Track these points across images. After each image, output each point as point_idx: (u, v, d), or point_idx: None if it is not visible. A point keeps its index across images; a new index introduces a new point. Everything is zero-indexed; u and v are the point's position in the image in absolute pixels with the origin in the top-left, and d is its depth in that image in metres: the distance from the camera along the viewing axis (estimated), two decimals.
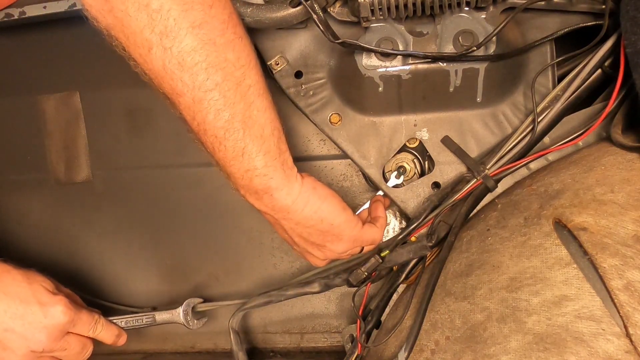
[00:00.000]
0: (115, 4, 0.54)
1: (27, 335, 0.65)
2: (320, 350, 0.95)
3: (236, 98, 0.59)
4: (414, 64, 0.72)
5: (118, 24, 0.56)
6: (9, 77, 0.99)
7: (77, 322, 0.70)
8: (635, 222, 0.56)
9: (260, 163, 0.62)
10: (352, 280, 0.73)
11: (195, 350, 0.99)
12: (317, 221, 0.67)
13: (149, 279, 0.99)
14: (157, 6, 0.54)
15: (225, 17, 0.58)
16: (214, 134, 0.60)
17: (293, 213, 0.66)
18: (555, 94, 0.72)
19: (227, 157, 0.62)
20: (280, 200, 0.65)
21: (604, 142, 0.70)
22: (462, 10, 0.72)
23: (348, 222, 0.69)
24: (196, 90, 0.58)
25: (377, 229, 0.74)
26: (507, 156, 0.73)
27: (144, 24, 0.55)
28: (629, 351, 0.52)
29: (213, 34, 0.57)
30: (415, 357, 0.67)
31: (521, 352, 0.56)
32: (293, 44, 0.80)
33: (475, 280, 0.65)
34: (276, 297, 0.82)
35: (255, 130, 0.61)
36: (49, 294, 0.68)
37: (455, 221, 0.73)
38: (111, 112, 0.97)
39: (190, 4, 0.55)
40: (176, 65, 0.56)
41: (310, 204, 0.66)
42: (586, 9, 0.72)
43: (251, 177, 0.63)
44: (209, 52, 0.57)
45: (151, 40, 0.55)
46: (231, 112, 0.59)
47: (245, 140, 0.61)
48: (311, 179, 0.67)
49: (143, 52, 0.57)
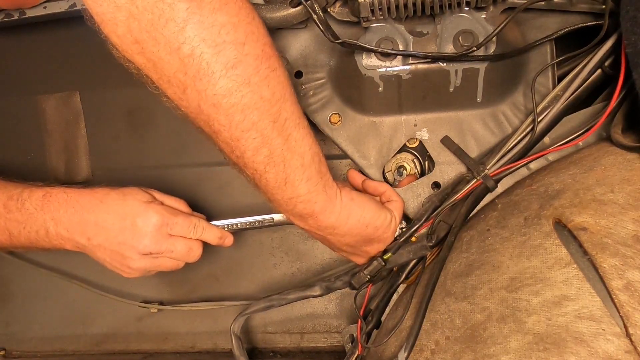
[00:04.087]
0: (146, 46, 0.53)
1: (133, 243, 0.72)
2: (320, 350, 0.95)
3: (274, 134, 0.59)
4: (414, 64, 0.72)
5: (150, 65, 0.55)
6: (9, 77, 0.99)
7: (174, 225, 0.74)
8: (635, 222, 0.56)
9: (304, 190, 0.63)
10: (354, 284, 0.73)
11: (195, 350, 0.99)
12: (362, 229, 0.69)
13: (149, 278, 0.98)
14: (189, 50, 0.53)
15: (259, 51, 0.56)
16: (254, 167, 0.61)
17: (338, 228, 0.68)
18: (555, 94, 0.72)
19: (269, 187, 0.63)
20: (324, 220, 0.66)
21: (604, 142, 0.70)
22: (462, 10, 0.72)
23: (388, 220, 0.71)
24: (233, 129, 0.57)
25: (397, 202, 0.75)
26: (507, 156, 0.73)
27: (176, 67, 0.54)
28: (629, 351, 0.52)
29: (247, 72, 0.55)
30: (415, 357, 0.67)
31: (521, 352, 0.56)
32: (293, 44, 0.80)
33: (475, 280, 0.65)
34: (277, 302, 0.83)
35: (295, 161, 0.61)
36: (142, 204, 0.73)
37: (455, 221, 0.73)
38: (111, 112, 0.97)
39: (222, 45, 0.53)
40: (211, 107, 0.56)
41: (352, 216, 0.68)
42: (586, 9, 0.72)
43: (295, 203, 0.64)
44: (244, 93, 0.56)
45: (185, 82, 0.55)
46: (270, 148, 0.59)
47: (286, 172, 0.61)
48: (347, 190, 0.69)
49: (177, 92, 0.56)
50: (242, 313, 0.84)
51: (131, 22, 0.51)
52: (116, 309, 0.99)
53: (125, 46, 0.54)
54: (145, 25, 0.51)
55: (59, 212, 0.73)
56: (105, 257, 0.75)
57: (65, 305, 1.02)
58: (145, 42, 0.52)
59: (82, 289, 0.98)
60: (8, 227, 0.74)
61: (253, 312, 0.84)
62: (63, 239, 0.73)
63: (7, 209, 0.74)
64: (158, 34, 0.52)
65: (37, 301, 1.03)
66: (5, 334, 1.04)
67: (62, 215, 0.72)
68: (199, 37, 0.52)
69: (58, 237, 0.73)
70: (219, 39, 0.53)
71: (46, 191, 0.74)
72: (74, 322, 1.02)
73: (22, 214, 0.73)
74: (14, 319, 1.04)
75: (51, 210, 0.73)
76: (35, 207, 0.73)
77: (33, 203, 0.73)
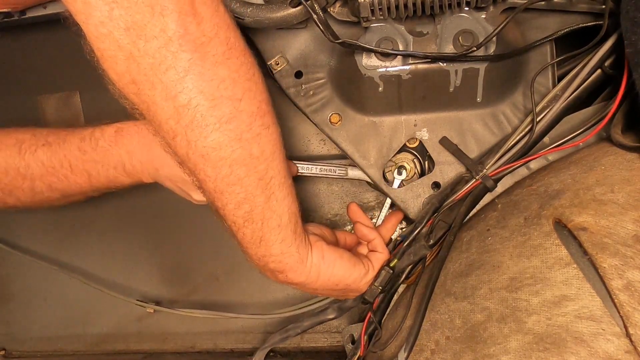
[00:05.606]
0: (143, 89, 0.52)
1: None
2: (320, 350, 0.95)
3: (257, 191, 0.59)
4: (414, 64, 0.72)
5: (143, 107, 0.54)
6: (9, 77, 0.99)
7: None
8: (635, 222, 0.56)
9: (277, 250, 0.64)
10: (368, 298, 0.73)
11: (195, 350, 0.99)
12: (333, 285, 0.70)
13: (149, 279, 0.99)
14: (185, 100, 0.52)
15: (254, 109, 0.57)
16: (233, 221, 0.61)
17: (309, 285, 0.69)
18: (555, 94, 0.72)
19: (245, 241, 0.63)
20: (295, 278, 0.67)
21: (604, 142, 0.70)
22: (462, 10, 0.72)
23: (361, 275, 0.71)
24: (218, 181, 0.58)
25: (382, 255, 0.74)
26: (506, 156, 0.73)
27: (169, 114, 0.53)
28: (629, 351, 0.52)
29: (240, 129, 0.55)
30: (415, 357, 0.67)
31: (521, 352, 0.56)
32: (293, 44, 0.80)
33: (475, 280, 0.65)
34: (293, 331, 0.85)
35: (273, 221, 0.62)
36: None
37: (454, 221, 0.73)
38: (111, 112, 0.96)
39: (219, 100, 0.53)
40: (199, 157, 0.56)
41: (322, 274, 0.68)
42: (586, 9, 0.72)
43: (267, 261, 0.65)
44: (234, 148, 0.56)
45: (176, 130, 0.54)
46: (251, 205, 0.60)
47: (263, 230, 0.62)
48: (318, 246, 0.69)
49: (167, 137, 0.56)
50: (261, 348, 0.88)
51: (131, 63, 0.51)
52: (116, 309, 0.99)
53: (122, 84, 0.54)
54: (144, 68, 0.51)
55: (132, 144, 0.74)
56: (173, 187, 0.77)
57: (65, 305, 1.02)
58: (142, 84, 0.52)
59: (82, 289, 0.98)
60: (86, 168, 0.75)
61: (271, 345, 0.87)
62: (138, 171, 0.75)
63: (82, 151, 0.74)
64: (156, 80, 0.52)
65: (37, 301, 1.03)
66: (5, 334, 1.04)
67: (135, 147, 0.74)
68: (198, 89, 0.52)
69: (134, 169, 0.75)
70: (217, 93, 0.53)
71: (117, 127, 0.75)
72: (74, 322, 1.02)
73: (97, 152, 0.74)
74: (14, 319, 1.04)
75: (125, 144, 0.74)
76: (109, 144, 0.74)
77: (107, 140, 0.74)
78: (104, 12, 0.48)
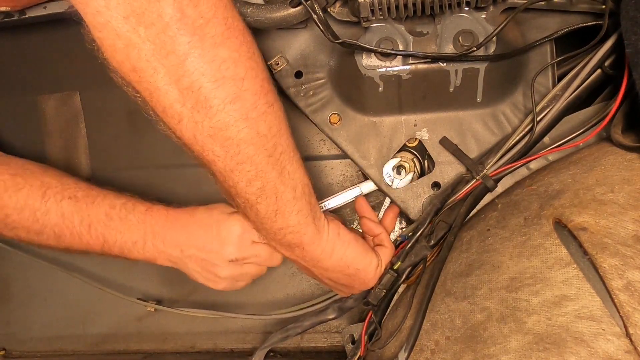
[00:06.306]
0: (144, 76, 0.53)
1: (220, 250, 0.74)
2: (320, 350, 0.94)
3: (268, 167, 0.59)
4: (414, 64, 0.72)
5: (146, 94, 0.54)
6: (9, 77, 0.99)
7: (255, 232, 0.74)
8: (635, 222, 0.56)
9: (294, 221, 0.64)
10: (371, 300, 0.73)
11: (195, 350, 0.99)
12: (344, 267, 0.70)
13: (149, 279, 0.99)
14: (188, 83, 0.52)
15: (257, 87, 0.57)
16: (246, 198, 0.61)
17: (322, 262, 0.69)
18: (555, 94, 0.72)
19: (259, 217, 0.63)
20: (311, 252, 0.67)
21: (604, 142, 0.70)
22: (462, 10, 0.72)
23: (371, 265, 0.71)
24: (228, 161, 0.58)
25: (388, 249, 0.75)
26: (507, 156, 0.73)
27: (174, 98, 0.53)
28: (629, 351, 0.52)
29: (245, 108, 0.56)
30: (415, 357, 0.67)
31: (521, 352, 0.56)
32: (293, 44, 0.80)
33: (476, 280, 0.65)
34: (294, 331, 0.85)
35: (287, 194, 0.62)
36: (225, 215, 0.75)
37: (454, 221, 0.73)
38: (111, 112, 0.97)
39: (222, 80, 0.53)
40: (207, 138, 0.56)
41: (336, 251, 0.68)
42: (586, 9, 0.72)
43: (284, 234, 0.65)
44: (240, 128, 0.56)
45: (182, 113, 0.54)
46: (263, 181, 0.60)
47: (278, 204, 0.62)
48: (335, 224, 0.69)
49: (173, 122, 0.56)
50: (261, 347, 0.88)
51: (130, 51, 0.51)
52: (116, 309, 0.99)
53: (123, 72, 0.54)
54: (145, 55, 0.51)
55: (159, 225, 0.75)
56: (196, 267, 0.77)
57: (65, 305, 1.02)
58: (143, 71, 0.52)
59: (82, 288, 0.98)
60: (105, 234, 0.76)
61: (271, 345, 0.87)
62: (158, 251, 0.76)
63: (109, 217, 0.75)
64: (158, 65, 0.52)
65: (37, 301, 1.03)
66: (5, 334, 1.04)
67: (161, 229, 0.75)
68: (199, 71, 0.52)
69: (154, 249, 0.76)
70: (218, 74, 0.53)
71: (148, 206, 0.77)
72: (74, 322, 1.02)
73: (123, 223, 0.75)
74: (14, 319, 1.04)
75: (152, 224, 0.75)
76: (137, 220, 0.75)
77: (136, 215, 0.76)
78: (101, 1, 0.49)
